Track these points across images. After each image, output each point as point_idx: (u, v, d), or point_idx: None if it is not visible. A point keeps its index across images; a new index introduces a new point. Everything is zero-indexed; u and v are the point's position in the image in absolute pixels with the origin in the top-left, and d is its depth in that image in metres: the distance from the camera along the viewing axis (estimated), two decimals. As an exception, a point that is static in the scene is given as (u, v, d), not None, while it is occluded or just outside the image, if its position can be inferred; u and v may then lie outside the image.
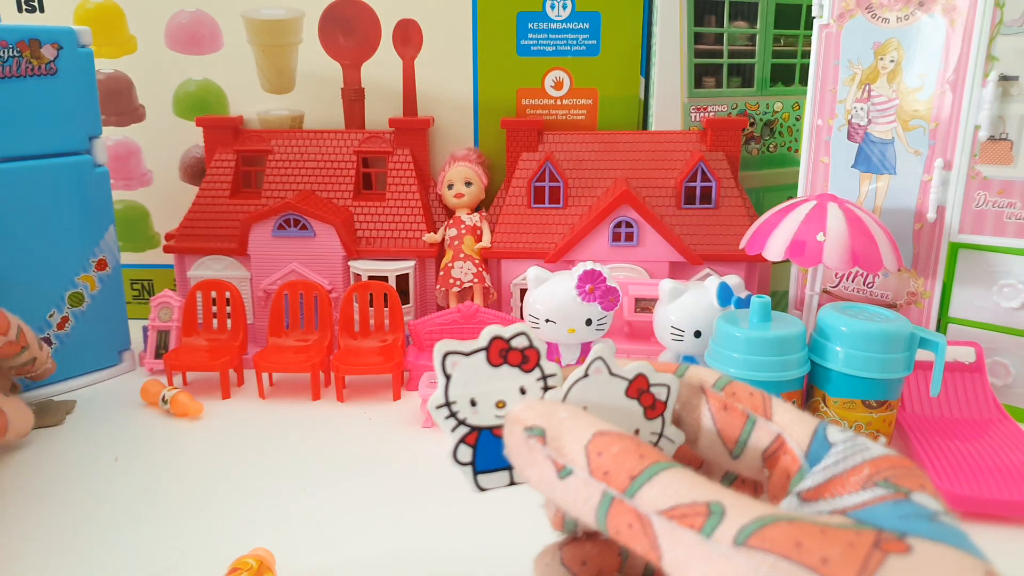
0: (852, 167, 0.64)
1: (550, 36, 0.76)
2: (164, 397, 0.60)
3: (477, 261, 0.71)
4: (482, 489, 0.22)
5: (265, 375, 0.66)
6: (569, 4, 0.75)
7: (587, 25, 0.75)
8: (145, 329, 0.69)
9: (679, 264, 0.70)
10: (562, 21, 0.75)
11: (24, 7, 0.76)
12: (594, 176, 0.73)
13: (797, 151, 0.80)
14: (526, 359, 0.23)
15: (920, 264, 0.62)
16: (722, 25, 0.76)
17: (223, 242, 0.72)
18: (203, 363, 0.63)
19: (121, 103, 0.79)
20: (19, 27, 0.59)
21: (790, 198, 0.62)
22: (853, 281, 0.65)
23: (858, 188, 0.64)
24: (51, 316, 0.64)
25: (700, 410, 0.23)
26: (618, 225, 0.69)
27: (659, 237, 0.69)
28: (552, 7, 0.75)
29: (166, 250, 0.74)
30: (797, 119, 0.80)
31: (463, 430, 0.22)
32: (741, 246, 0.62)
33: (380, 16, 0.76)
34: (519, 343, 0.22)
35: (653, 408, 0.23)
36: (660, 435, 0.24)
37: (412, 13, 0.76)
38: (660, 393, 0.23)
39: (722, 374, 0.24)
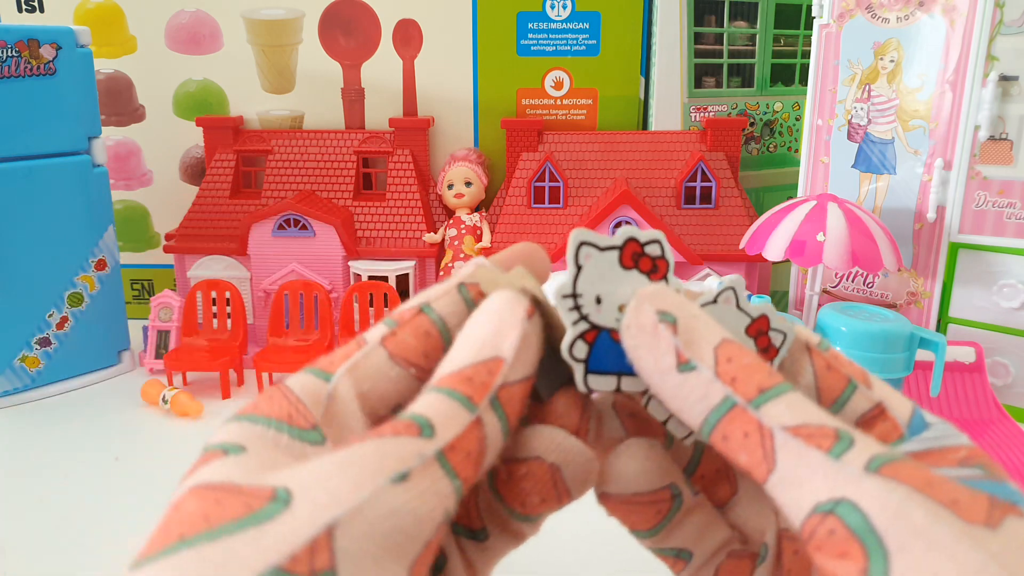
0: (852, 167, 0.64)
1: (550, 36, 0.76)
2: (164, 397, 0.60)
3: (477, 261, 0.71)
4: (589, 389, 0.21)
5: (265, 375, 0.66)
6: (569, 4, 0.75)
7: (587, 25, 0.75)
8: (145, 329, 0.69)
9: (679, 264, 0.70)
10: (562, 21, 0.75)
11: (24, 7, 0.76)
12: (594, 176, 0.73)
13: (797, 151, 0.80)
14: (656, 268, 0.22)
15: (920, 264, 0.62)
16: (722, 25, 0.76)
17: (223, 242, 0.72)
18: (203, 363, 0.63)
19: (121, 103, 0.79)
20: (18, 27, 0.59)
21: (790, 198, 0.62)
22: (853, 281, 0.65)
23: (858, 188, 0.64)
24: (50, 316, 0.64)
25: (802, 365, 0.22)
26: (618, 225, 0.69)
27: (659, 237, 0.69)
28: (552, 7, 0.75)
29: (166, 250, 0.74)
30: (797, 119, 0.80)
31: (583, 326, 0.21)
32: (741, 246, 0.62)
33: (380, 16, 0.76)
34: (652, 250, 0.22)
35: (767, 352, 0.22)
36: None
37: (412, 13, 0.76)
38: (776, 339, 0.22)
39: (823, 338, 0.24)
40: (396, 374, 0.21)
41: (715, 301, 0.22)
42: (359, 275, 0.71)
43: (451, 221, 0.73)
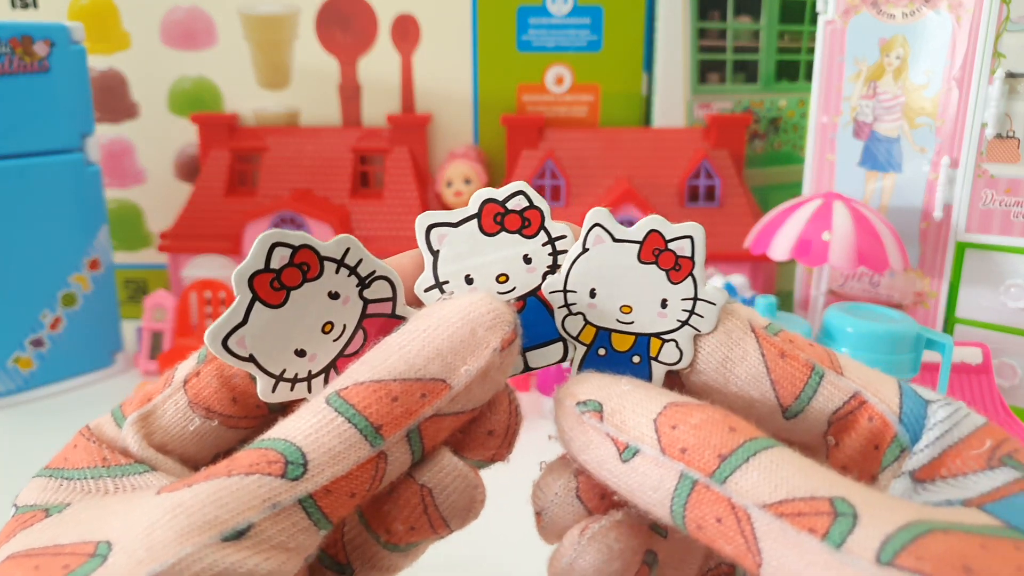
0: (858, 165, 0.63)
1: (551, 31, 0.75)
2: (159, 399, 0.59)
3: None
4: (531, 368, 0.19)
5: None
6: (570, -1, 0.74)
7: (589, 20, 0.74)
8: (139, 330, 0.68)
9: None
10: (563, 16, 0.74)
11: (17, 3, 0.75)
12: (596, 174, 0.73)
13: (802, 149, 0.80)
14: (527, 222, 0.19)
15: (926, 264, 0.61)
16: (726, 20, 0.75)
17: (218, 241, 0.71)
18: (198, 364, 0.63)
19: (115, 100, 0.78)
20: (10, 24, 0.58)
21: (795, 196, 0.61)
22: (859, 281, 0.65)
23: (864, 186, 0.63)
24: (43, 316, 0.63)
25: (744, 349, 0.18)
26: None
27: (661, 236, 0.68)
28: (553, 2, 0.74)
29: (160, 249, 0.73)
30: (802, 116, 0.79)
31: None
32: (745, 245, 0.61)
33: (377, 11, 0.76)
34: (517, 204, 0.19)
35: (677, 268, 0.19)
36: (694, 299, 0.19)
37: (410, 8, 0.75)
38: (683, 248, 0.19)
39: (772, 320, 0.19)
40: (197, 427, 0.17)
41: (585, 249, 0.19)
42: (357, 274, 0.71)
43: (450, 220, 0.72)
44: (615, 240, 0.19)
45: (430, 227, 0.19)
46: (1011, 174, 0.56)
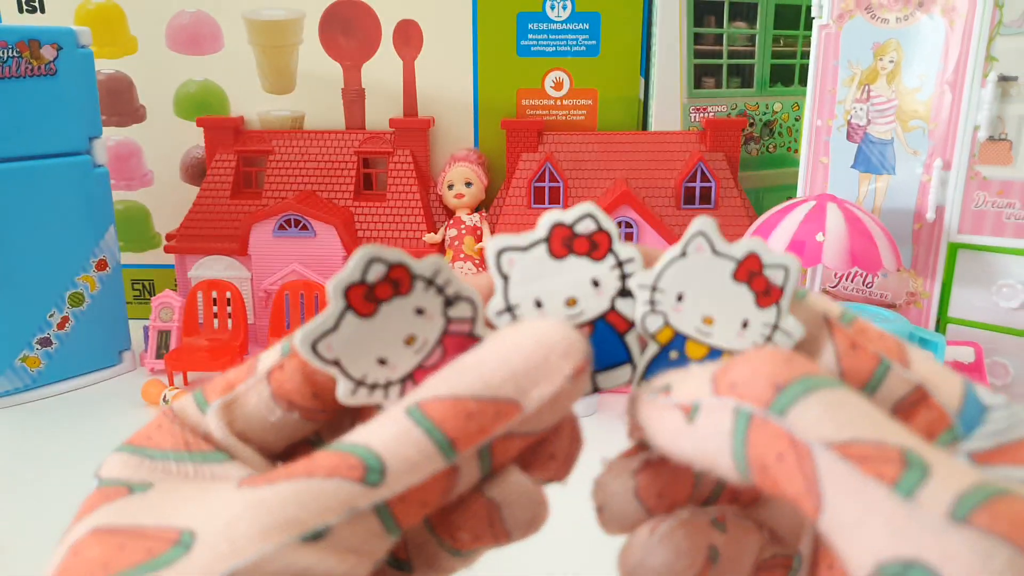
0: (851, 167, 0.64)
1: (550, 36, 0.76)
2: (165, 397, 0.60)
3: (477, 261, 0.71)
4: (601, 389, 0.19)
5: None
6: (569, 4, 0.75)
7: (587, 25, 0.75)
8: (146, 329, 0.69)
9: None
10: (562, 22, 0.75)
11: (25, 8, 0.76)
12: (594, 176, 0.74)
13: (796, 151, 0.80)
14: (595, 245, 0.19)
15: (919, 264, 0.62)
16: (722, 25, 0.76)
17: (224, 242, 0.72)
18: (204, 363, 0.64)
19: (122, 103, 0.79)
20: (18, 28, 0.59)
21: (789, 198, 0.62)
22: (852, 281, 0.65)
23: (857, 188, 0.64)
24: (51, 316, 0.64)
25: (821, 343, 0.18)
26: (618, 225, 0.69)
27: (659, 237, 0.69)
28: (552, 7, 0.75)
29: (167, 250, 0.74)
30: (796, 119, 0.80)
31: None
32: (741, 246, 0.62)
33: (380, 16, 0.77)
34: (585, 228, 0.19)
35: (767, 294, 0.19)
36: (775, 327, 0.19)
37: (412, 13, 0.76)
38: (776, 277, 0.19)
39: (847, 307, 0.19)
40: (278, 418, 0.18)
41: (684, 254, 0.19)
42: (359, 275, 0.71)
43: (451, 221, 0.73)
44: (714, 252, 0.19)
45: (500, 251, 0.19)
46: (1003, 176, 0.57)
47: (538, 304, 0.19)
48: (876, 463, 0.12)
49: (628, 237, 0.69)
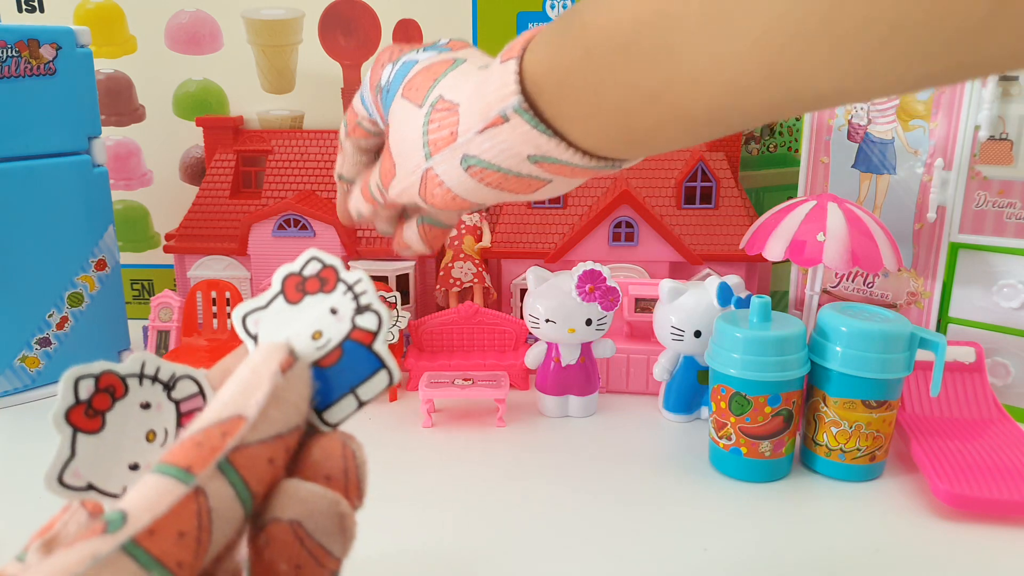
0: (852, 167, 0.64)
1: (550, 36, 0.76)
2: (164, 397, 0.60)
3: (477, 261, 0.71)
4: (333, 425, 0.20)
5: (265, 375, 0.66)
6: (569, 3, 0.75)
7: (587, 25, 0.75)
8: (145, 329, 0.69)
9: (679, 264, 0.70)
10: (562, 21, 0.75)
11: (24, 7, 0.76)
12: (594, 177, 0.73)
13: (797, 151, 0.80)
14: (324, 281, 0.21)
15: (920, 264, 0.62)
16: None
17: (223, 242, 0.72)
18: (203, 363, 0.63)
19: (121, 103, 0.79)
20: (18, 27, 0.59)
21: (790, 198, 0.62)
22: (853, 281, 0.65)
23: (858, 188, 0.64)
24: (50, 316, 0.64)
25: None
26: (618, 225, 0.69)
27: (659, 237, 0.69)
28: (552, 7, 0.75)
29: (166, 250, 0.74)
30: (797, 119, 0.80)
31: None
32: (741, 246, 0.62)
33: (380, 16, 0.76)
34: (312, 270, 0.21)
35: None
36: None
37: (412, 13, 0.76)
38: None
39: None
40: None
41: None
42: (359, 275, 0.71)
43: (451, 221, 0.73)
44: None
45: (243, 316, 0.21)
46: (1004, 176, 0.57)
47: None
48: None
49: (628, 237, 0.69)
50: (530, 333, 0.62)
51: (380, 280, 0.70)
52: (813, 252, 0.55)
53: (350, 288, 0.21)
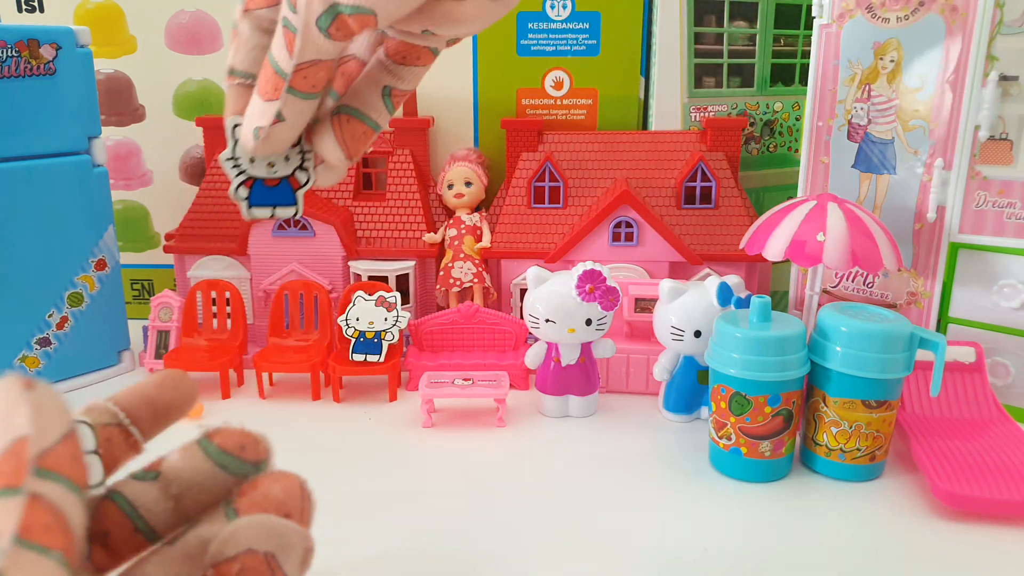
0: (852, 167, 0.64)
1: (550, 36, 0.76)
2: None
3: (477, 261, 0.71)
4: (252, 217, 0.33)
5: (265, 375, 0.66)
6: (569, 4, 0.75)
7: (587, 25, 0.75)
8: (145, 329, 0.69)
9: (679, 264, 0.70)
10: (562, 21, 0.75)
11: (24, 7, 0.76)
12: (594, 176, 0.73)
13: (797, 151, 0.80)
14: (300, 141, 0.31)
15: (920, 264, 0.62)
16: (722, 25, 0.75)
17: (223, 242, 0.72)
18: (203, 363, 0.63)
19: (121, 103, 0.79)
20: (18, 27, 0.59)
21: (790, 198, 0.62)
22: (853, 281, 0.65)
23: (858, 188, 0.64)
24: (50, 316, 0.64)
25: None
26: (618, 225, 0.69)
27: (659, 237, 0.69)
28: (552, 7, 0.75)
29: (166, 250, 0.74)
30: (797, 119, 0.80)
31: (242, 177, 0.33)
32: (741, 246, 0.62)
33: (380, 16, 0.76)
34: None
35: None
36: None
37: (412, 13, 0.76)
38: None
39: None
40: None
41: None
42: (359, 275, 0.71)
43: (451, 221, 0.73)
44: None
45: (235, 126, 0.32)
46: (1004, 176, 0.57)
47: (252, 160, 0.34)
48: None
49: (628, 237, 0.69)
50: (530, 333, 0.62)
51: (380, 280, 0.70)
52: (813, 252, 0.55)
53: (303, 153, 0.33)
